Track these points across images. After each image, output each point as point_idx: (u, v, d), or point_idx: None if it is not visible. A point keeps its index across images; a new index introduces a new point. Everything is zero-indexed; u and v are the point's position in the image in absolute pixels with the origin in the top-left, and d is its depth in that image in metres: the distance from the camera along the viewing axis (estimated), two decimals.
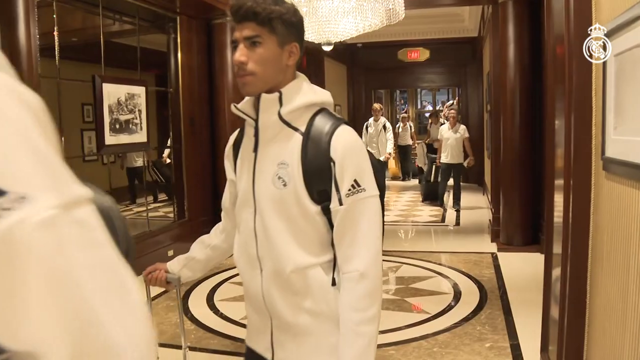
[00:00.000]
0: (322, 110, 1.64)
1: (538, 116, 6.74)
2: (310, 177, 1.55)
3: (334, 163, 1.53)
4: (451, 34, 12.49)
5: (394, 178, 15.08)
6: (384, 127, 9.76)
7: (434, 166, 10.74)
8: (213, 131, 7.58)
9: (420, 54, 14.24)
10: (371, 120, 10.03)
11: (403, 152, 15.04)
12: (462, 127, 10.00)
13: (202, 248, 1.99)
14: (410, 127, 15.16)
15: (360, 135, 11.38)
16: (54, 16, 5.27)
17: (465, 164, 9.83)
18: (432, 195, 10.86)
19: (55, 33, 5.28)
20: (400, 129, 14.70)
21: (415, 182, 14.19)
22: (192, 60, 7.23)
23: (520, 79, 6.79)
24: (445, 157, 9.88)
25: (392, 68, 14.83)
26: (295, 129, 1.59)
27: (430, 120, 14.02)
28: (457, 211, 9.83)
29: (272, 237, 1.60)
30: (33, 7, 4.57)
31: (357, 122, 12.24)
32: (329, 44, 5.52)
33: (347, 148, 1.55)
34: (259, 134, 1.64)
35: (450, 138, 9.78)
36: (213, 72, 7.49)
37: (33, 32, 4.53)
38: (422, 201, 11.19)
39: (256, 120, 1.64)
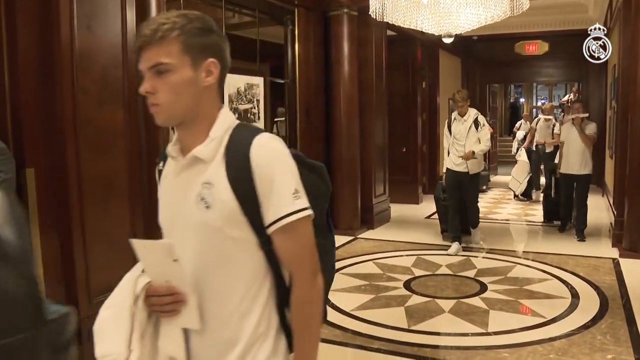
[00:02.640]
0: None
1: None
2: None
3: None
4: (573, 25, 11.82)
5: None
6: (475, 122, 6.80)
7: (553, 178, 8.47)
8: (328, 122, 7.69)
9: (539, 47, 13.62)
10: (455, 114, 7.01)
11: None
12: (592, 124, 7.53)
13: None
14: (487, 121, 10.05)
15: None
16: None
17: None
18: (555, 215, 8.44)
19: None
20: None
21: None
22: (309, 52, 7.34)
23: None
24: (567, 167, 7.57)
25: (508, 61, 14.29)
26: None
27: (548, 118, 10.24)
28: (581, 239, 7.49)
29: None
30: (164, 1, 4.80)
31: None
32: (449, 36, 5.39)
33: None
34: None
35: (575, 140, 7.42)
36: (329, 63, 7.58)
37: None
38: (543, 222, 8.77)
39: None
